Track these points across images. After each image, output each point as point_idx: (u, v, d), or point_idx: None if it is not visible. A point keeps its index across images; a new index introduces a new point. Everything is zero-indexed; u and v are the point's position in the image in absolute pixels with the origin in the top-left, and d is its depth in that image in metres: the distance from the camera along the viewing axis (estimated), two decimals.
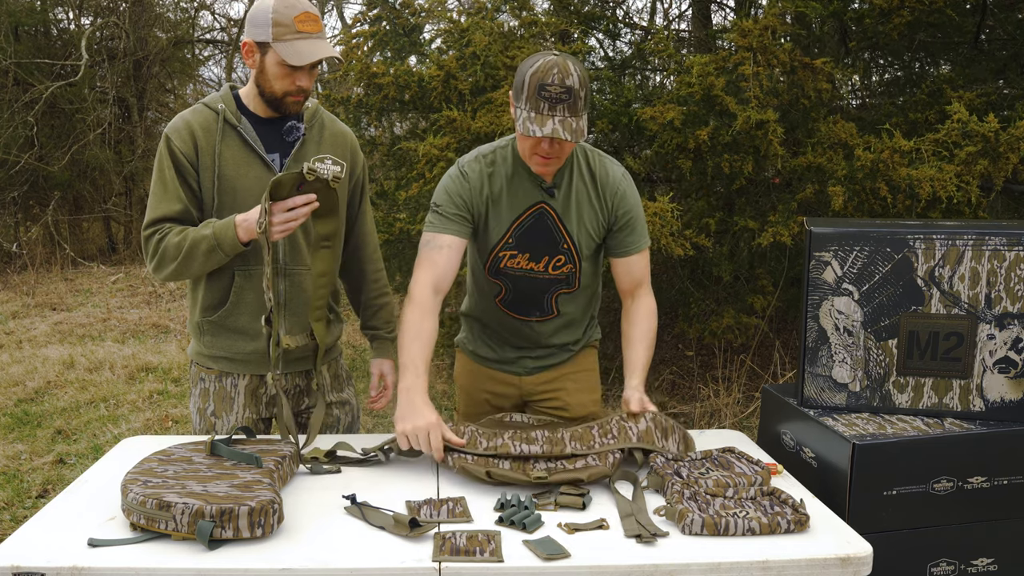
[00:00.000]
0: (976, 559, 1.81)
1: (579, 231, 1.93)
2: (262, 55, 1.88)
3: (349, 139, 2.08)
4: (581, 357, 2.16)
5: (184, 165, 1.91)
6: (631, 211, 1.94)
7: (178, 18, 11.36)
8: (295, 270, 1.99)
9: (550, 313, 2.03)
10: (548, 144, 1.77)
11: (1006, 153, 3.17)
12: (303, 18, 1.84)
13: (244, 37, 1.90)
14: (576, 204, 1.92)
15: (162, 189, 1.92)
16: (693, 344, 4.86)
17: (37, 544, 1.40)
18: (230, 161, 1.92)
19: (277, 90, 1.90)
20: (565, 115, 1.71)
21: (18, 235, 9.31)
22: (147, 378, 5.14)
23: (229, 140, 1.93)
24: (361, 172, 2.12)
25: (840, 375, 1.91)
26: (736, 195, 3.94)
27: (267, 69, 1.88)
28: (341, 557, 1.36)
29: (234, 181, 1.92)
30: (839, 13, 3.73)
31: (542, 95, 1.69)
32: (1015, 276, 1.77)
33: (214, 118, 1.93)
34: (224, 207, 1.93)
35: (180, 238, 1.87)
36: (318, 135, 2.01)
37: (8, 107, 8.79)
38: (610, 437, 1.71)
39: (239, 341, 2.00)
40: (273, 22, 1.83)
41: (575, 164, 1.93)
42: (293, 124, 1.97)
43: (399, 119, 4.77)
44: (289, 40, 1.84)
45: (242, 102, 1.97)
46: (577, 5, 4.77)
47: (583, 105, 1.73)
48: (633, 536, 1.42)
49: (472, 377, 2.18)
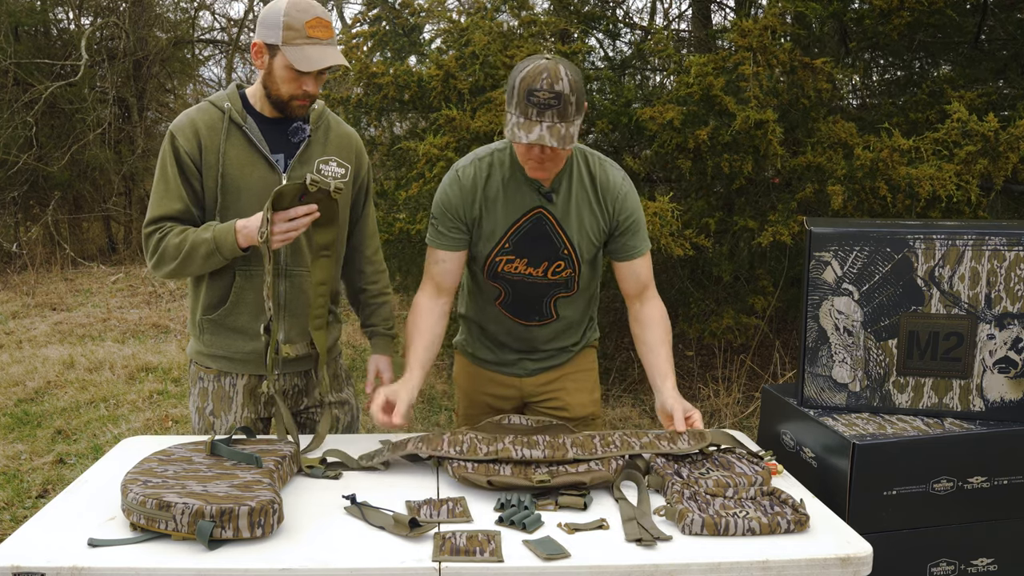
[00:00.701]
0: (976, 559, 1.81)
1: (580, 237, 1.92)
2: (271, 57, 1.87)
3: (355, 141, 2.08)
4: (580, 358, 2.16)
5: (187, 164, 1.90)
6: (632, 215, 1.93)
7: (178, 18, 11.36)
8: (296, 271, 1.99)
9: (549, 317, 2.03)
10: (539, 150, 1.75)
11: (1006, 152, 3.17)
12: (315, 23, 1.83)
13: (255, 37, 1.89)
14: (576, 209, 1.90)
15: (164, 187, 1.91)
16: (693, 344, 4.86)
17: (37, 544, 1.40)
18: (234, 160, 1.92)
19: (283, 93, 1.89)
20: (554, 121, 1.67)
21: (18, 235, 9.31)
22: (147, 378, 5.14)
23: (234, 139, 1.92)
24: (366, 174, 2.12)
25: (840, 375, 1.91)
26: (736, 195, 3.94)
27: (275, 71, 1.88)
28: (341, 557, 1.36)
29: (238, 181, 1.92)
30: (839, 13, 3.74)
31: (531, 100, 1.67)
32: (1015, 276, 1.78)
33: (220, 117, 1.92)
34: (227, 206, 1.92)
35: (180, 239, 1.87)
36: (323, 136, 2.01)
37: (8, 107, 8.78)
38: (612, 447, 1.71)
39: (238, 340, 2.00)
40: (284, 25, 1.82)
41: (575, 168, 1.90)
42: (299, 125, 1.97)
43: (399, 119, 4.77)
44: (299, 45, 1.83)
45: (248, 101, 1.97)
46: (577, 5, 4.77)
47: (574, 111, 1.69)
48: (634, 540, 1.42)
49: (472, 379, 2.18)
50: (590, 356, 2.19)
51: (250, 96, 1.97)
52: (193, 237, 1.86)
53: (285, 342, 2.00)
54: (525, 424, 1.89)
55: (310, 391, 2.11)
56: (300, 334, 2.02)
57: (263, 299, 1.95)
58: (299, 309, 2.01)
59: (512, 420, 1.91)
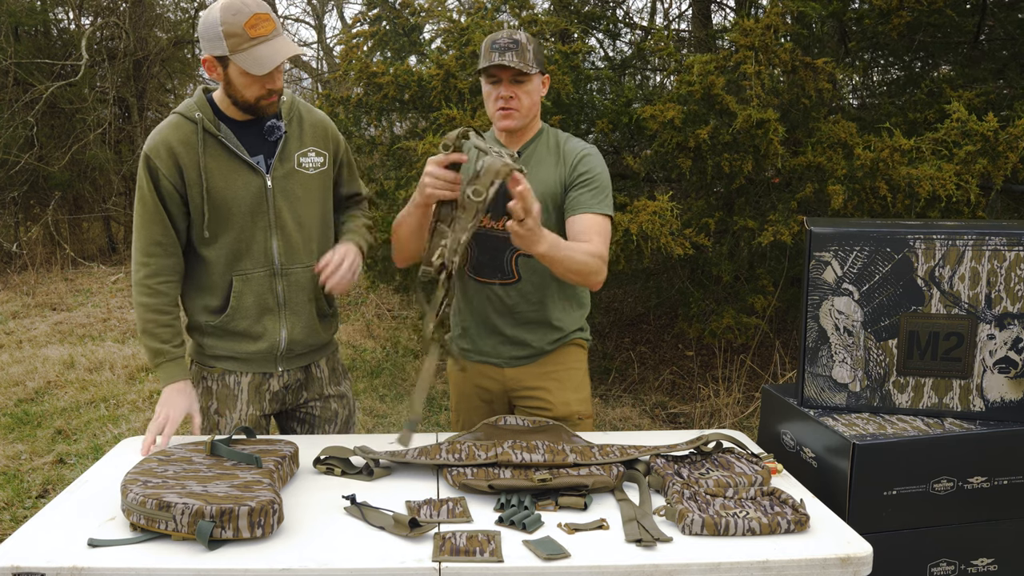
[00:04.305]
0: (976, 559, 1.81)
1: (539, 193, 1.95)
2: (224, 68, 1.84)
3: (328, 127, 2.08)
4: (564, 355, 2.15)
5: (166, 187, 1.91)
6: (590, 172, 2.00)
7: (178, 18, 11.35)
8: (291, 269, 2.01)
9: (511, 276, 2.05)
10: (505, 87, 1.94)
11: (1005, 152, 3.17)
12: (253, 22, 1.79)
13: (202, 53, 1.86)
14: (536, 166, 2.02)
15: (143, 210, 1.94)
16: (693, 344, 4.86)
17: (37, 544, 1.40)
18: (216, 172, 1.91)
19: (249, 97, 1.88)
20: (513, 59, 1.90)
21: (18, 235, 9.30)
22: (147, 378, 5.14)
23: (212, 150, 1.91)
24: (344, 154, 2.13)
25: (840, 375, 1.91)
26: (736, 194, 3.94)
27: (233, 80, 1.85)
28: (341, 557, 1.36)
29: (223, 192, 1.92)
30: (839, 13, 3.74)
31: (493, 47, 1.92)
32: (1015, 276, 1.77)
33: (193, 130, 1.90)
34: (215, 218, 1.94)
35: (148, 316, 1.95)
36: (298, 128, 2.01)
37: (8, 107, 8.78)
38: (612, 455, 1.71)
39: (241, 343, 2.02)
40: (224, 34, 1.78)
41: (546, 138, 2.06)
42: (273, 124, 1.96)
43: (399, 119, 4.77)
44: (246, 49, 1.79)
45: (218, 107, 1.94)
46: (577, 5, 4.77)
47: (531, 58, 1.92)
48: (634, 541, 1.42)
49: (459, 373, 2.21)
50: (575, 354, 2.18)
51: (218, 101, 1.95)
52: (151, 332, 1.95)
53: (288, 339, 2.03)
54: (522, 425, 1.89)
55: (310, 385, 2.14)
56: (303, 330, 2.05)
57: (262, 300, 1.98)
58: (299, 306, 2.03)
59: (508, 421, 1.90)
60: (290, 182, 1.98)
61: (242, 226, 1.95)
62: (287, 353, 2.05)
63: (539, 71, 1.96)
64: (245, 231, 1.95)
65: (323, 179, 2.05)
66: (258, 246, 1.97)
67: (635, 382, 4.72)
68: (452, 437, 1.86)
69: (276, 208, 1.96)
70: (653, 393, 4.60)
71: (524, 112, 1.98)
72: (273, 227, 1.97)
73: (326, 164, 2.05)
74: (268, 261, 1.97)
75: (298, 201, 1.99)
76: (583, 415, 2.15)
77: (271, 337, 2.01)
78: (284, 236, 1.98)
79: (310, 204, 2.02)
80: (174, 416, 1.90)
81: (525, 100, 1.96)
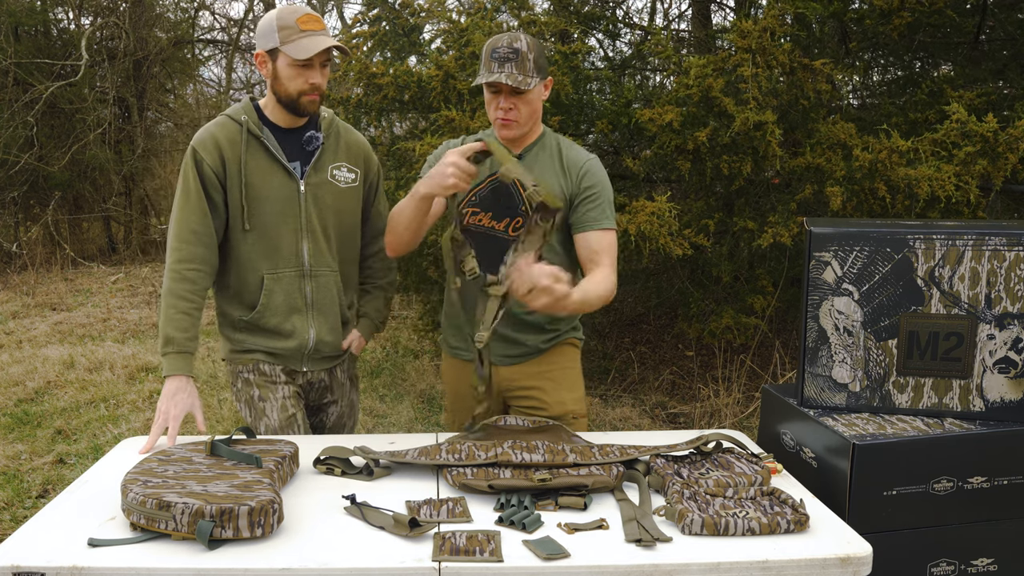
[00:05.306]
0: (976, 559, 1.81)
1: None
2: (273, 61, 1.98)
3: (363, 147, 2.21)
4: (557, 354, 2.15)
5: (210, 177, 2.01)
6: (596, 187, 2.01)
7: (178, 18, 11.36)
8: (320, 271, 2.11)
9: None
10: (504, 99, 1.93)
11: (1005, 153, 3.17)
12: (306, 19, 1.96)
13: (256, 49, 2.01)
14: (540, 172, 2.01)
15: (185, 200, 2.02)
16: (693, 344, 4.86)
17: (37, 544, 1.41)
18: (255, 170, 2.03)
19: (292, 91, 1.99)
20: (512, 71, 1.89)
21: (18, 235, 9.30)
22: (147, 378, 5.14)
23: (253, 150, 2.03)
24: (375, 176, 2.24)
25: (840, 375, 1.91)
26: (735, 196, 3.94)
27: (279, 73, 1.98)
28: (341, 557, 1.36)
29: (260, 189, 2.03)
30: (839, 14, 3.74)
31: (493, 57, 1.91)
32: (1015, 276, 1.78)
33: (238, 130, 2.03)
34: (252, 213, 2.04)
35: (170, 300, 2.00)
36: (335, 143, 2.13)
37: (8, 107, 8.78)
38: (612, 455, 1.71)
39: (272, 339, 2.11)
40: (279, 27, 1.95)
41: (547, 143, 2.07)
42: (312, 134, 2.08)
43: (399, 119, 4.77)
44: (295, 40, 1.94)
45: (263, 113, 2.07)
46: (577, 5, 4.77)
47: (532, 67, 1.91)
48: (633, 541, 1.42)
49: (454, 371, 2.22)
50: (569, 354, 2.18)
51: (264, 108, 2.08)
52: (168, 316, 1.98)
53: (317, 339, 2.12)
54: (521, 425, 1.89)
55: (333, 387, 2.24)
56: (330, 331, 2.14)
57: (291, 298, 2.09)
58: (326, 307, 2.13)
59: (508, 421, 1.91)
60: (321, 190, 2.09)
61: (274, 224, 2.05)
62: (314, 354, 2.14)
63: (540, 79, 1.96)
64: (277, 230, 2.06)
65: (353, 194, 2.17)
66: (288, 247, 2.07)
67: (635, 382, 4.72)
68: (452, 437, 1.86)
69: (307, 212, 2.07)
70: (653, 393, 4.60)
71: (523, 122, 1.99)
72: (304, 230, 2.07)
73: (357, 181, 2.17)
74: (298, 262, 2.08)
75: (328, 209, 2.11)
76: (578, 414, 2.15)
77: (300, 335, 2.10)
78: (313, 240, 2.08)
79: (339, 214, 2.14)
80: (175, 414, 1.92)
81: (524, 110, 1.97)
